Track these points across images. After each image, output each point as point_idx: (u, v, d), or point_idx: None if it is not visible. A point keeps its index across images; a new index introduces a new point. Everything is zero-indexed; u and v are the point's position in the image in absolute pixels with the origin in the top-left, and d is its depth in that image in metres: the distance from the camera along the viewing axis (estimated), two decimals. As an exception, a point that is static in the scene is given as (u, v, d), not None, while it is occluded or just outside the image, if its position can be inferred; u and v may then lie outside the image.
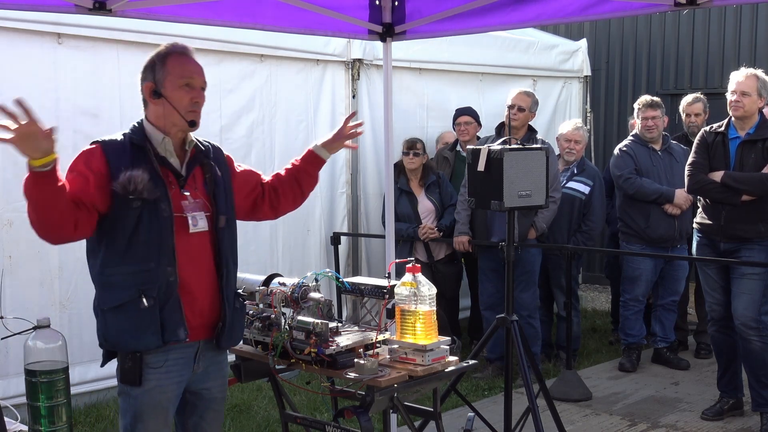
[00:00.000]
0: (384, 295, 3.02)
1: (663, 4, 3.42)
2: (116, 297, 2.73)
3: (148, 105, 2.88)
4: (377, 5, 4.09)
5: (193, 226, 2.83)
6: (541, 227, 5.94)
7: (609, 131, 9.80)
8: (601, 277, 9.04)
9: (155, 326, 2.73)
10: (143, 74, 2.87)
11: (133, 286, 2.72)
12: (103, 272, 2.76)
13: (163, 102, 2.82)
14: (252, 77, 5.98)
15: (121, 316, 2.73)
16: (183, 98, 2.84)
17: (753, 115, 4.89)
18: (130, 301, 2.72)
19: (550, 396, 4.23)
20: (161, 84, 2.82)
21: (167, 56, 2.85)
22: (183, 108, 2.84)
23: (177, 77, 2.83)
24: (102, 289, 2.78)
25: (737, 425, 5.08)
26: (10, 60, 4.81)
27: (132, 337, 2.73)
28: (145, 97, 2.87)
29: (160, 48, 2.88)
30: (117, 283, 2.74)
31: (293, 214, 6.24)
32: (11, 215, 4.83)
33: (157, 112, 2.85)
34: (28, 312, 2.70)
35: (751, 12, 8.81)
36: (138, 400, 2.77)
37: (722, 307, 5.03)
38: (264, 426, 4.94)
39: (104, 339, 2.79)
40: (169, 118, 2.84)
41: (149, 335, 2.72)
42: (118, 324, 2.74)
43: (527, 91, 5.90)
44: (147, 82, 2.84)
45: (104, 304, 2.76)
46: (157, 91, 2.82)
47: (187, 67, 2.87)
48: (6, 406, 2.53)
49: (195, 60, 2.92)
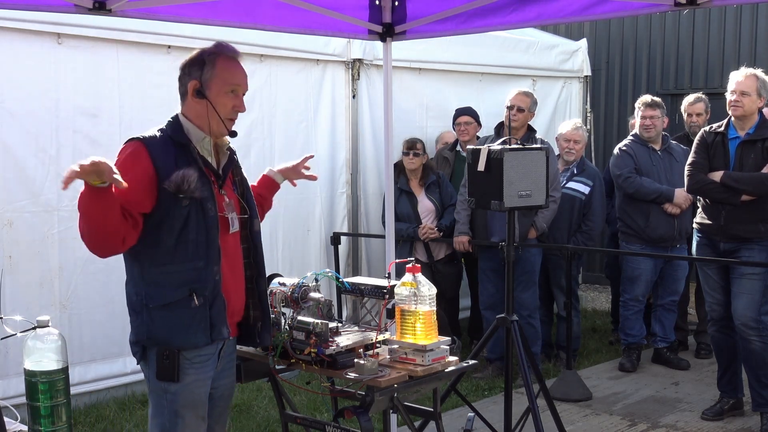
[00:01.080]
0: (384, 295, 3.02)
1: (663, 4, 3.42)
2: (167, 295, 2.74)
3: (186, 101, 2.85)
4: (377, 5, 4.09)
5: (233, 227, 2.88)
6: (541, 227, 5.95)
7: (609, 131, 9.80)
8: (601, 277, 9.05)
9: (205, 324, 2.77)
10: (188, 69, 2.83)
11: (184, 284, 2.75)
12: (151, 270, 2.75)
13: (206, 104, 2.81)
14: (252, 77, 5.84)
15: (171, 313, 2.75)
16: (227, 104, 2.84)
17: (752, 115, 4.89)
18: (182, 299, 2.74)
19: (550, 396, 4.23)
20: (207, 85, 2.80)
21: (218, 57, 2.83)
22: (225, 114, 2.84)
23: (225, 82, 2.82)
24: (150, 287, 2.75)
25: (737, 425, 5.08)
26: (10, 60, 4.81)
27: (183, 334, 2.75)
28: (187, 93, 2.83)
29: (210, 46, 2.86)
30: (167, 282, 2.75)
31: (293, 214, 6.32)
32: (11, 215, 4.83)
33: (198, 111, 2.83)
34: (28, 312, 2.70)
35: (751, 12, 8.81)
36: (177, 396, 2.78)
37: (722, 307, 5.03)
38: (264, 426, 4.94)
39: (148, 336, 2.76)
40: (210, 120, 2.83)
41: (199, 333, 2.76)
42: (167, 321, 2.75)
43: (526, 92, 5.90)
44: (193, 80, 2.81)
45: (153, 302, 2.75)
46: (202, 92, 2.80)
47: (237, 74, 2.87)
48: (6, 406, 2.53)
49: (242, 66, 2.91)
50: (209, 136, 2.86)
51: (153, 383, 2.81)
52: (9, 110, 4.82)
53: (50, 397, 2.15)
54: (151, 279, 2.75)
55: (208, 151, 2.87)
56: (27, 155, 4.87)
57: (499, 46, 7.45)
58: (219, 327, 2.79)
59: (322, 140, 6.41)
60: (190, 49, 5.50)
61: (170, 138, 2.79)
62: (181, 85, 2.86)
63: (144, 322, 2.77)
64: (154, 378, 2.79)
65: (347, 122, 6.52)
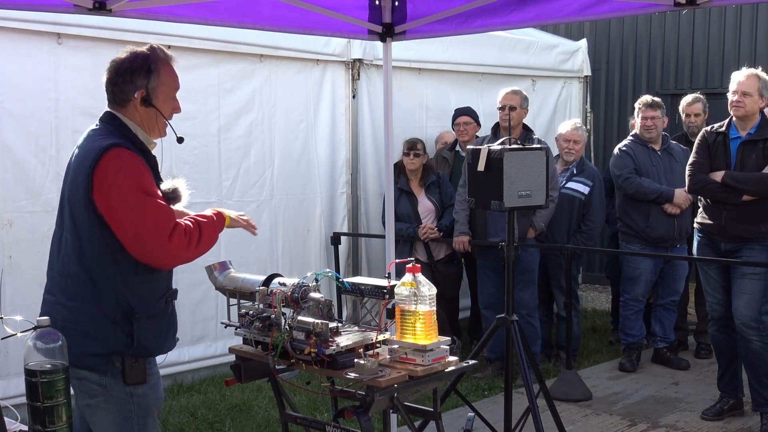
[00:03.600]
0: (384, 295, 3.02)
1: (663, 4, 3.42)
2: (156, 303, 2.79)
3: (128, 107, 2.81)
4: (377, 5, 4.09)
5: None
6: (539, 226, 5.95)
7: (609, 131, 9.80)
8: (601, 277, 9.05)
9: (174, 329, 2.90)
10: (131, 76, 2.79)
11: (164, 292, 2.82)
12: (135, 279, 2.74)
13: (154, 112, 2.81)
14: (251, 77, 5.99)
15: (157, 321, 2.80)
16: (167, 109, 2.86)
17: (754, 115, 4.88)
18: (164, 307, 2.82)
19: (550, 396, 4.23)
20: (154, 93, 2.80)
21: (161, 64, 2.82)
22: (168, 119, 2.88)
23: (170, 89, 2.85)
24: (136, 296, 2.74)
25: (737, 425, 5.08)
26: (10, 60, 4.81)
27: (163, 341, 2.84)
28: (130, 100, 2.80)
29: (150, 52, 2.82)
30: (153, 290, 2.79)
31: (293, 214, 6.33)
32: (11, 215, 4.83)
33: (144, 118, 2.82)
34: (28, 312, 2.69)
35: (751, 12, 8.81)
36: (146, 396, 2.81)
37: (723, 306, 5.03)
38: (264, 426, 4.94)
39: (138, 345, 2.74)
40: (155, 126, 2.85)
41: (170, 338, 2.88)
42: (154, 329, 2.79)
43: (514, 90, 5.87)
44: (140, 90, 2.78)
45: (143, 311, 2.74)
46: (149, 100, 2.79)
47: (177, 79, 2.89)
48: (6, 406, 2.52)
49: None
50: (154, 140, 2.89)
51: (115, 389, 2.76)
52: (9, 110, 4.82)
53: (50, 397, 2.15)
54: (136, 289, 2.74)
55: (155, 157, 2.91)
56: (27, 155, 4.87)
57: (499, 46, 7.45)
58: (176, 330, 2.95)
59: (322, 140, 6.41)
60: (190, 49, 5.59)
61: (134, 145, 2.78)
62: (121, 92, 2.81)
63: (127, 332, 2.73)
64: (119, 383, 2.75)
65: (347, 122, 6.52)
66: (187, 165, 5.55)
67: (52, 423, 2.16)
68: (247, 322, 3.03)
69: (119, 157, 2.68)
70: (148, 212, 2.65)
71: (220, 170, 5.80)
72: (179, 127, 3.23)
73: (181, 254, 2.71)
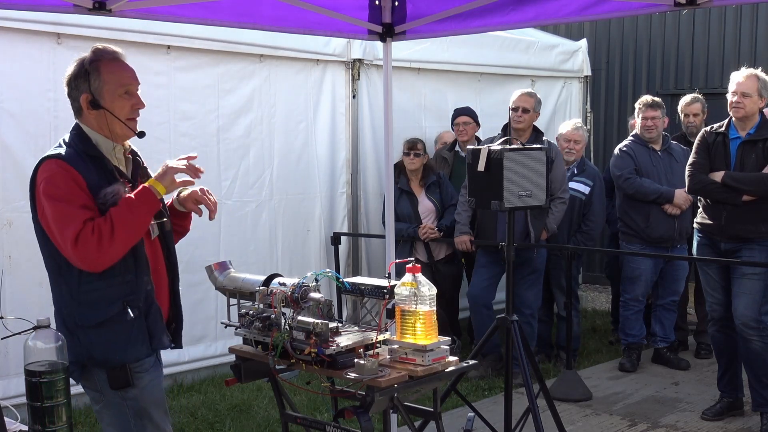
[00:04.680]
0: (384, 295, 3.02)
1: (663, 4, 3.42)
2: (101, 313, 2.72)
3: (83, 115, 2.80)
4: (377, 5, 4.09)
5: (153, 233, 2.88)
6: (552, 228, 5.94)
7: (609, 131, 9.80)
8: (601, 277, 9.04)
9: (143, 336, 2.79)
10: (74, 83, 2.78)
11: (117, 299, 2.74)
12: (80, 289, 2.72)
13: (104, 112, 2.76)
14: (251, 77, 5.98)
15: (107, 330, 2.73)
16: (124, 106, 2.80)
17: (753, 116, 4.88)
18: (116, 314, 2.73)
19: (550, 396, 4.23)
20: (99, 94, 2.76)
21: (100, 63, 2.78)
22: (125, 116, 2.80)
23: (116, 86, 2.78)
24: (82, 306, 2.72)
25: (737, 425, 5.08)
26: (9, 60, 4.82)
27: (122, 349, 2.75)
28: (81, 107, 2.78)
29: (88, 55, 2.80)
30: (100, 299, 2.73)
31: (293, 214, 6.32)
32: (11, 215, 4.83)
33: (98, 122, 2.79)
34: (28, 312, 2.69)
35: (751, 12, 8.81)
36: (138, 399, 2.79)
37: (723, 306, 5.02)
38: (264, 426, 4.94)
39: (88, 356, 2.73)
40: (112, 128, 2.79)
41: (138, 345, 2.78)
42: (105, 339, 2.73)
43: (530, 92, 5.88)
44: (84, 94, 2.76)
45: (87, 322, 2.72)
46: (96, 102, 2.75)
47: (125, 74, 2.82)
48: (6, 406, 2.53)
49: (128, 64, 2.86)
50: (117, 143, 2.84)
51: (108, 395, 2.78)
52: (8, 110, 4.82)
53: (50, 397, 2.15)
54: (81, 298, 2.72)
55: (119, 160, 2.86)
56: (27, 155, 4.86)
57: (499, 46, 7.45)
58: (159, 336, 2.83)
59: (321, 140, 6.41)
60: (190, 49, 5.58)
61: (83, 152, 2.75)
62: (73, 101, 2.81)
63: (81, 342, 2.72)
64: (108, 389, 2.76)
65: (347, 122, 6.52)
66: (187, 165, 5.56)
67: (52, 423, 2.16)
68: (247, 322, 3.03)
69: (45, 169, 2.69)
70: (58, 219, 2.63)
71: (219, 170, 5.79)
72: (179, 126, 3.29)
73: (92, 256, 2.61)
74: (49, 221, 2.67)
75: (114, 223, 2.64)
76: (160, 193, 2.76)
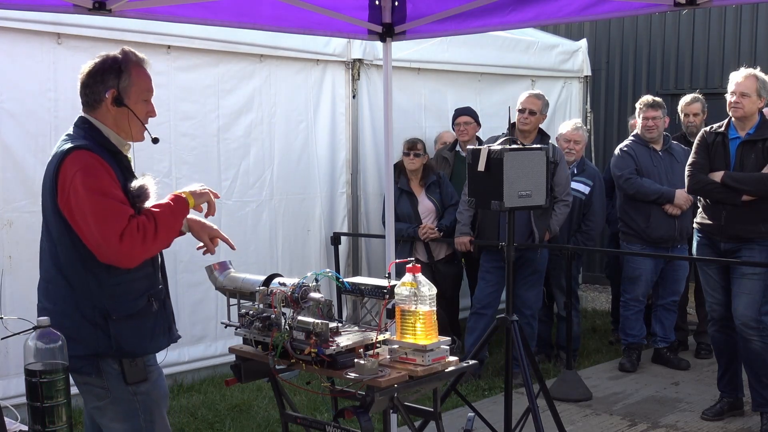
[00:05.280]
0: (384, 295, 3.02)
1: (663, 4, 3.42)
2: (132, 304, 2.79)
3: (100, 108, 2.83)
4: (377, 5, 4.09)
5: None
6: (554, 229, 5.94)
7: (609, 131, 9.80)
8: (601, 277, 9.04)
9: (164, 328, 2.90)
10: (101, 77, 2.82)
11: (143, 292, 2.82)
12: (109, 281, 2.75)
13: (126, 111, 2.82)
14: (251, 77, 5.98)
15: (137, 321, 2.80)
16: (141, 112, 2.87)
17: (753, 116, 4.88)
18: (144, 306, 2.82)
19: (550, 396, 4.23)
20: (126, 93, 2.81)
21: (133, 65, 2.85)
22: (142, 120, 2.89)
23: (142, 90, 2.86)
24: (111, 297, 2.76)
25: (737, 425, 5.08)
26: (9, 60, 4.81)
27: (149, 340, 2.84)
28: (102, 100, 2.82)
29: (122, 54, 2.86)
30: (129, 291, 2.79)
31: (293, 214, 6.32)
32: (11, 215, 4.83)
33: (116, 119, 2.84)
34: (28, 312, 2.69)
35: (751, 12, 8.81)
36: (149, 394, 2.84)
37: (722, 306, 5.03)
38: (264, 426, 4.94)
39: (116, 348, 2.76)
40: (129, 127, 2.85)
41: (161, 337, 2.88)
42: (134, 330, 2.79)
43: (538, 94, 5.86)
44: (112, 89, 2.80)
45: (118, 313, 2.76)
46: (120, 100, 2.81)
47: (150, 82, 2.90)
48: (6, 406, 2.53)
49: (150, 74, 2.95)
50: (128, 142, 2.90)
51: (118, 390, 2.79)
52: (8, 110, 4.82)
53: (50, 397, 2.15)
54: (111, 290, 2.75)
55: (130, 158, 2.92)
56: (27, 155, 4.87)
57: (499, 46, 7.45)
58: (173, 328, 2.96)
59: (321, 140, 6.41)
60: (190, 49, 5.58)
61: (102, 146, 2.79)
62: (93, 93, 2.83)
63: (107, 334, 2.75)
64: (121, 384, 2.78)
65: (347, 122, 6.52)
66: (187, 165, 5.56)
67: (52, 423, 2.16)
68: (247, 322, 3.03)
69: (77, 159, 2.69)
70: (99, 213, 2.65)
71: (219, 170, 5.80)
72: (178, 126, 3.29)
73: (136, 252, 2.68)
74: (83, 212, 2.65)
75: (158, 223, 2.73)
76: (190, 206, 2.88)
